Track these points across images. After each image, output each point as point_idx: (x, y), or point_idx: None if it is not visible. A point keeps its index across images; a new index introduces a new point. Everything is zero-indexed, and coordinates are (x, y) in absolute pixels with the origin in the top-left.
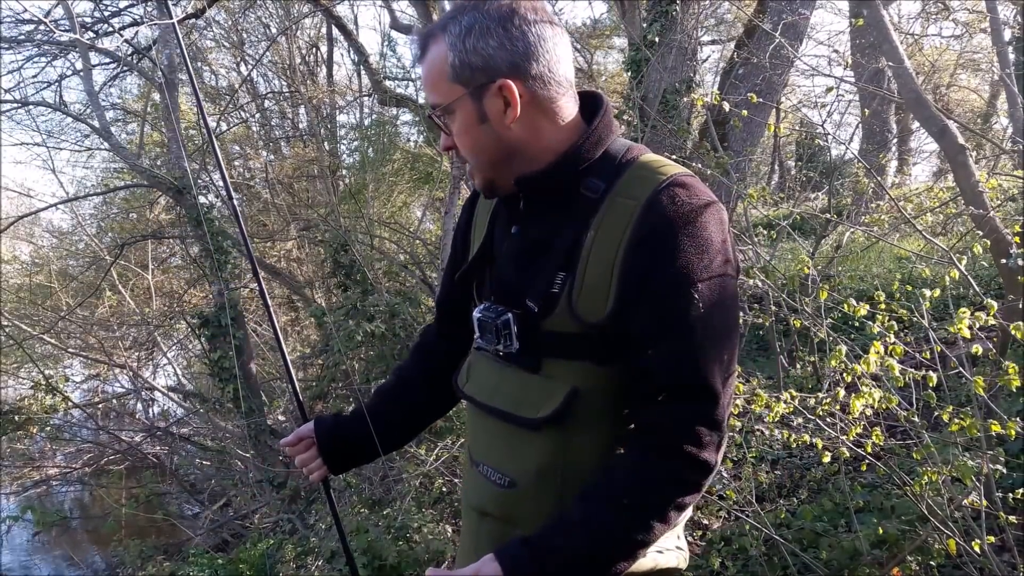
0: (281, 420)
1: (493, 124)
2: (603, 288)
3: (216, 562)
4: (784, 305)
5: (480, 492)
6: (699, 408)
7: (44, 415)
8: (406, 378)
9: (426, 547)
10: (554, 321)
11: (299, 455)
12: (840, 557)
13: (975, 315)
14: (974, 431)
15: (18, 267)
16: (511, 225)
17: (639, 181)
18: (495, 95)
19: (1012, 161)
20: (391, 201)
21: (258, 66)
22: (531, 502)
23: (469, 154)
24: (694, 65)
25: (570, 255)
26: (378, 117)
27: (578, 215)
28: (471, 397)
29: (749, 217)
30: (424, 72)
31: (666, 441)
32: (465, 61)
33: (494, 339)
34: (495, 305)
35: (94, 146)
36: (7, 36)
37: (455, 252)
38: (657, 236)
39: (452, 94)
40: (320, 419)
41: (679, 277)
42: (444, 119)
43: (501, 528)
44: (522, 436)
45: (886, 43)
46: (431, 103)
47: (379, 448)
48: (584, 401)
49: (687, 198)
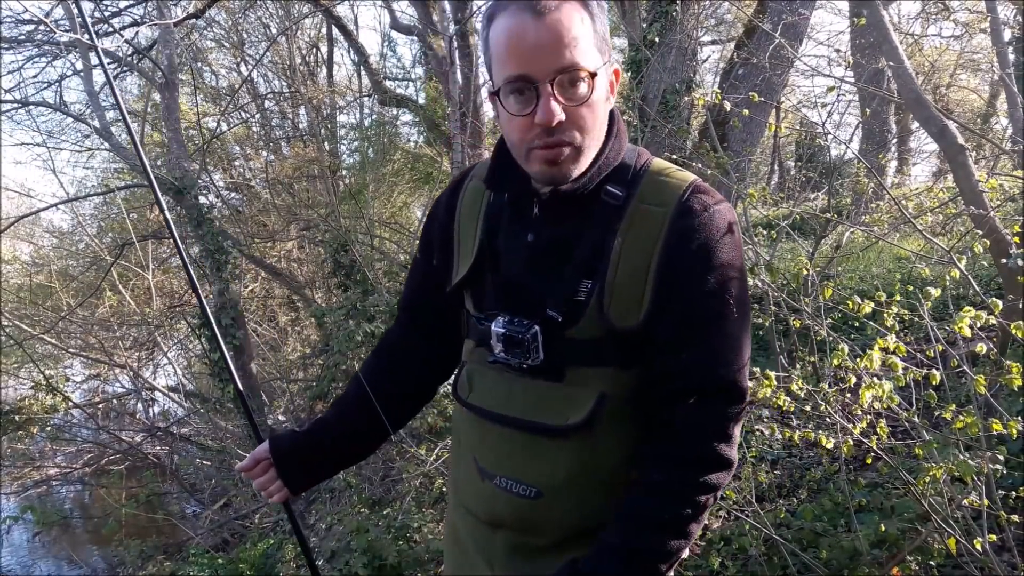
0: (281, 420)
1: (608, 105)
2: (636, 294)
3: (216, 562)
4: (784, 305)
5: (494, 504)
6: (730, 407)
7: (44, 415)
8: (372, 384)
9: (426, 547)
10: (580, 329)
11: (257, 478)
12: (840, 557)
13: (977, 314)
14: (976, 430)
15: (18, 267)
16: (524, 231)
17: (661, 187)
18: (612, 76)
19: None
20: (391, 201)
21: (258, 66)
22: (556, 511)
23: (589, 130)
24: (694, 65)
25: (595, 262)
26: (378, 117)
27: (600, 222)
28: (480, 408)
29: (749, 217)
30: (563, 27)
31: (699, 443)
32: (602, 33)
33: (522, 354)
34: (519, 318)
35: (94, 146)
36: (7, 36)
37: (429, 253)
38: (693, 243)
39: (596, 59)
40: (276, 438)
41: (716, 282)
42: (579, 84)
43: (520, 538)
44: (546, 445)
45: (886, 43)
46: (570, 62)
47: (348, 459)
48: (610, 405)
49: (713, 203)
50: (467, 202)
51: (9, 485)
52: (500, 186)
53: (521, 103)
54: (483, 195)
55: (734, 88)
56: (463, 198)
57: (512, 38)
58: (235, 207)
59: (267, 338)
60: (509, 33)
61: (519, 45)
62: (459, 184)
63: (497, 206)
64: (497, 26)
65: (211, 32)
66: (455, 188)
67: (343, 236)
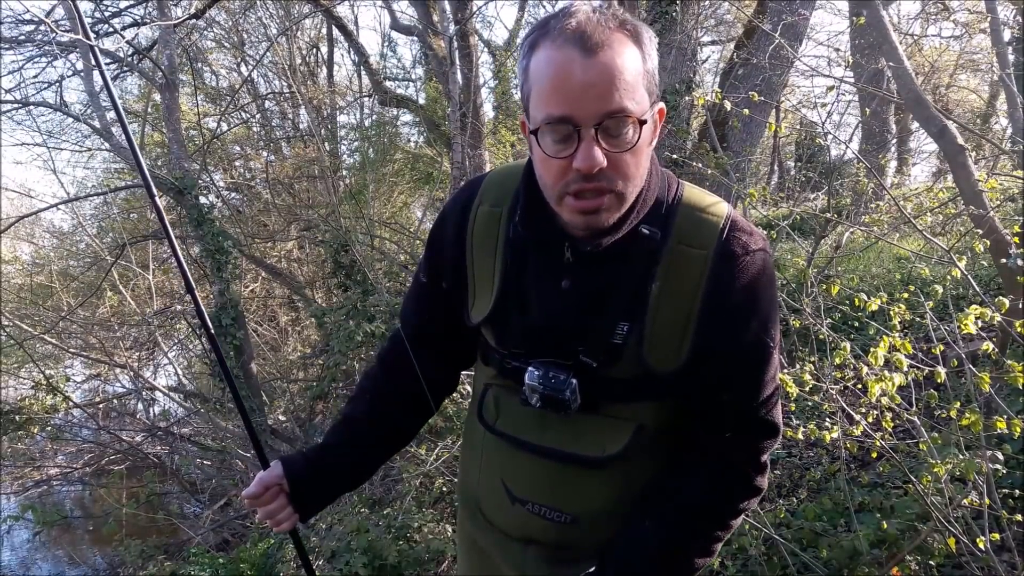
0: (281, 420)
1: (651, 149)
2: (675, 339)
3: (217, 562)
4: (784, 305)
5: (526, 525)
6: (763, 441)
7: (45, 415)
8: (381, 401)
9: (426, 547)
10: (617, 370)
11: (264, 507)
12: (840, 556)
13: (983, 312)
14: (978, 428)
15: (19, 267)
16: (557, 276)
17: (698, 226)
18: (657, 116)
19: (1011, 161)
20: (391, 201)
21: (258, 67)
22: (591, 534)
23: (632, 177)
24: (694, 66)
25: (633, 306)
26: (378, 117)
27: (637, 265)
28: (512, 437)
29: (749, 217)
30: (615, 67)
31: (732, 472)
32: (653, 71)
33: (561, 409)
34: (554, 371)
35: (94, 146)
36: (7, 36)
37: (437, 276)
38: (734, 291)
39: (645, 102)
40: (289, 460)
41: (757, 328)
42: (625, 130)
43: (552, 552)
44: (583, 474)
45: (886, 43)
46: (618, 107)
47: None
48: (647, 436)
49: (752, 243)
50: (479, 230)
51: (9, 485)
52: (529, 224)
53: (560, 145)
54: (498, 223)
55: (734, 88)
56: (474, 224)
57: (557, 75)
58: (235, 207)
59: (267, 338)
60: (554, 69)
61: (564, 84)
62: (467, 206)
63: (521, 241)
64: (540, 57)
65: (211, 32)
66: (463, 210)
67: (343, 236)
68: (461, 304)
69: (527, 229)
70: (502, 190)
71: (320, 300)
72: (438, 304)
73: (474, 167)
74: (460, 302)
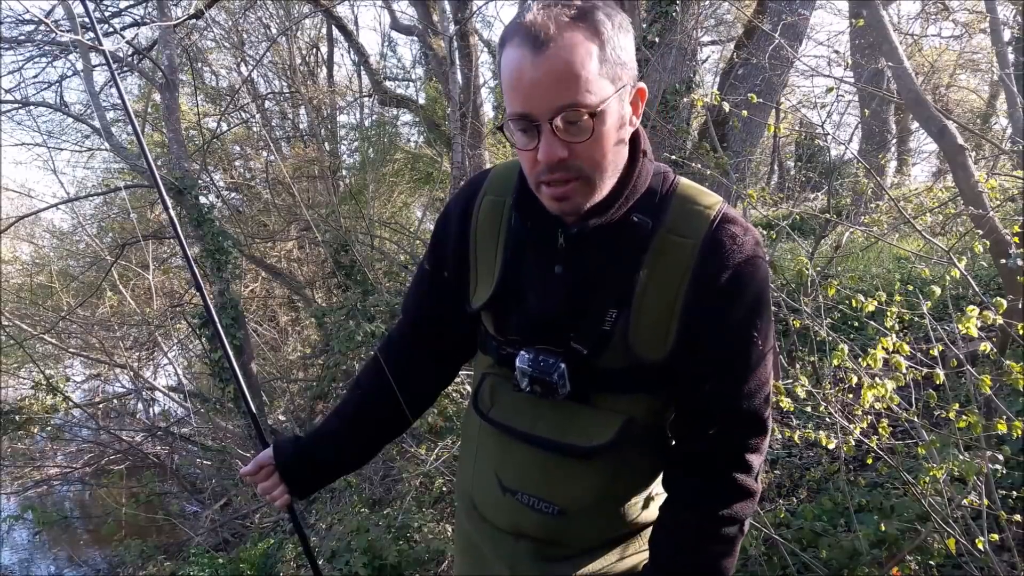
0: (281, 420)
1: (623, 133)
2: (661, 328)
3: (217, 562)
4: (784, 305)
5: (516, 517)
6: (750, 438)
7: (45, 415)
8: (375, 392)
9: (426, 547)
10: (606, 359)
11: (260, 483)
12: (839, 557)
13: (984, 313)
14: (978, 429)
15: (19, 267)
16: (551, 262)
17: (688, 216)
18: (632, 99)
19: (1011, 161)
20: (391, 201)
21: (258, 66)
22: (578, 527)
23: (598, 162)
24: (694, 65)
25: (622, 293)
26: (378, 117)
27: (626, 252)
28: (505, 425)
29: (749, 217)
30: (562, 62)
31: (719, 475)
32: (616, 57)
33: (550, 391)
34: (543, 356)
35: (94, 146)
36: (7, 36)
37: (440, 265)
38: (720, 280)
39: (602, 92)
40: (280, 444)
41: (742, 319)
42: (579, 122)
43: (543, 548)
44: (571, 465)
45: (886, 43)
46: (569, 101)
47: (350, 466)
48: (636, 429)
49: (743, 235)
50: (484, 218)
51: (9, 485)
52: (525, 213)
53: (526, 139)
54: (502, 213)
55: (734, 88)
56: (479, 213)
57: (512, 74)
58: (235, 207)
59: (267, 338)
60: (511, 68)
61: (519, 83)
62: (472, 196)
63: (520, 229)
64: (504, 56)
65: (211, 32)
66: (469, 199)
67: (343, 236)
68: (463, 291)
69: (521, 214)
70: (506, 181)
71: (320, 300)
72: (439, 292)
73: (474, 167)
74: (462, 289)
